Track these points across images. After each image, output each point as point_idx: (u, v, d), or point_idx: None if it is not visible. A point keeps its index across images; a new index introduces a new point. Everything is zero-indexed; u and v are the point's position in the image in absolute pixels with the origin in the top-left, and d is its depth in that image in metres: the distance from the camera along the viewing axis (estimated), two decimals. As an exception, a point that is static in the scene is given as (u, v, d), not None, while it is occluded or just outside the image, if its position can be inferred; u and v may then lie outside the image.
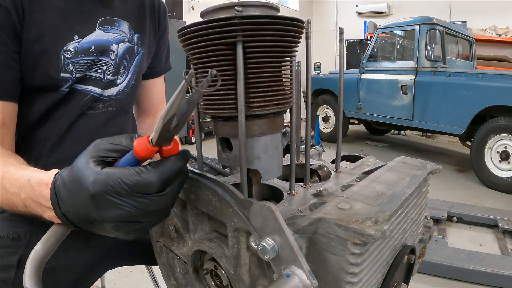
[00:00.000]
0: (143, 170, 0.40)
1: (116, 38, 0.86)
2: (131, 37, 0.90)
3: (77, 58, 0.78)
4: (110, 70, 0.85)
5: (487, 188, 4.07)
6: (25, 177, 0.55)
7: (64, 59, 0.76)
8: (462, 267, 2.24)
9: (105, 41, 0.83)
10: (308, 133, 0.71)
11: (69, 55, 0.77)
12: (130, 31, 0.90)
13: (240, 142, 0.46)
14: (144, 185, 0.39)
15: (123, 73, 0.90)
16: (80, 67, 0.79)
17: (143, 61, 0.96)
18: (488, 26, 7.39)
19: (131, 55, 0.91)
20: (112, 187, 0.39)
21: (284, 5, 9.15)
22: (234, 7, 0.44)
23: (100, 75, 0.83)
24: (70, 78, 0.78)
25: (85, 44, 0.79)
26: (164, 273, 0.67)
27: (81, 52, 0.79)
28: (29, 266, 0.51)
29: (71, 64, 0.77)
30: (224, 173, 0.78)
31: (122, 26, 0.87)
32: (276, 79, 0.49)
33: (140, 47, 0.93)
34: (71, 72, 0.78)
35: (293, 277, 0.39)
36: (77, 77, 0.79)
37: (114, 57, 0.85)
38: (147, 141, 0.40)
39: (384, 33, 5.49)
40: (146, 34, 0.95)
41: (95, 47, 0.81)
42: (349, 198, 0.51)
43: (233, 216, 0.46)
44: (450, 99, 4.40)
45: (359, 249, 0.42)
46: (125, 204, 0.40)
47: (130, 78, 0.92)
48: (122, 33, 0.87)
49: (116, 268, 0.97)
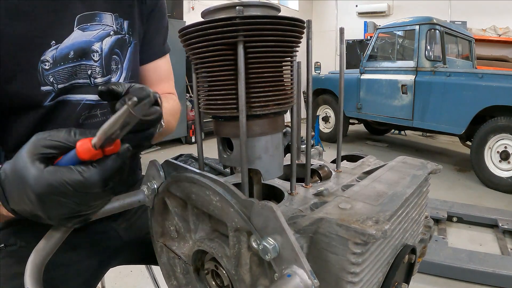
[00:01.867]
0: (85, 170, 0.40)
1: (99, 34, 0.77)
2: (120, 27, 0.82)
3: (57, 67, 0.71)
4: (96, 73, 0.78)
5: (487, 188, 4.07)
6: None
7: (42, 71, 0.69)
8: (462, 267, 2.24)
9: (84, 43, 0.75)
10: (308, 133, 0.71)
11: (48, 66, 0.70)
12: (116, 20, 0.81)
13: (241, 142, 0.46)
14: (88, 185, 0.40)
15: (116, 70, 0.82)
16: (61, 77, 0.72)
17: (136, 53, 0.88)
18: (488, 26, 7.38)
19: (122, 48, 0.83)
20: (56, 188, 0.40)
21: (284, 5, 9.15)
22: (235, 7, 0.44)
23: (87, 81, 0.77)
24: (52, 91, 0.71)
25: (64, 50, 0.71)
26: (165, 273, 0.67)
27: (60, 60, 0.71)
28: (29, 267, 0.51)
29: (50, 76, 0.71)
30: (225, 173, 0.78)
31: (104, 19, 0.79)
32: (277, 79, 0.49)
33: (132, 36, 0.85)
34: (52, 84, 0.71)
35: (294, 276, 0.39)
36: (60, 88, 0.72)
37: (98, 57, 0.77)
38: (90, 145, 0.40)
39: (384, 33, 5.49)
40: (135, 19, 0.86)
41: (74, 52, 0.73)
42: (350, 198, 0.51)
43: (234, 216, 0.46)
44: (450, 99, 4.40)
45: (360, 249, 0.42)
46: (69, 202, 0.41)
47: (126, 77, 0.85)
48: (105, 27, 0.79)
49: (116, 268, 0.97)
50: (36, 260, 0.52)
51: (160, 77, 1.00)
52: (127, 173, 0.45)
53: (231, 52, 0.45)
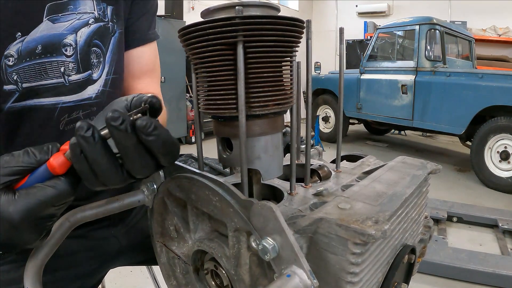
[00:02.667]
0: (57, 183, 0.40)
1: (72, 25, 0.68)
2: (102, 13, 0.73)
3: (22, 64, 0.63)
4: (70, 70, 0.68)
5: (487, 188, 4.07)
6: None
7: (5, 68, 0.62)
8: (462, 267, 2.24)
9: (54, 36, 0.65)
10: (308, 133, 0.71)
11: (11, 62, 0.62)
12: (99, 6, 0.72)
13: (241, 142, 0.46)
14: (63, 196, 0.40)
15: (98, 63, 0.73)
16: (26, 75, 0.63)
17: (121, 44, 0.78)
18: (488, 26, 7.39)
19: (104, 38, 0.73)
20: (35, 210, 0.39)
21: (284, 5, 9.15)
22: (235, 7, 0.44)
23: (60, 80, 0.67)
24: (15, 90, 0.63)
25: (31, 44, 0.63)
26: (165, 273, 0.67)
27: (25, 55, 0.63)
28: (29, 267, 0.51)
29: (14, 73, 0.62)
30: (224, 173, 0.78)
31: (81, 6, 0.69)
32: (276, 79, 0.49)
33: (116, 24, 0.75)
34: (16, 83, 0.63)
35: (293, 277, 0.39)
36: (25, 87, 0.64)
37: (72, 51, 0.68)
38: (64, 158, 0.40)
39: (384, 33, 5.49)
40: (121, 5, 0.77)
41: (42, 46, 0.64)
42: (350, 198, 0.51)
43: (234, 216, 0.46)
44: (450, 99, 4.40)
45: (360, 249, 0.42)
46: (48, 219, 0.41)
47: (109, 72, 0.75)
48: (82, 16, 0.69)
49: (116, 268, 0.97)
50: (35, 261, 0.52)
51: (142, 69, 0.89)
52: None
53: (230, 52, 0.45)
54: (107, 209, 0.65)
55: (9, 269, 0.72)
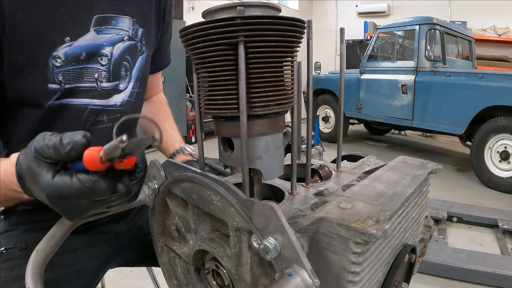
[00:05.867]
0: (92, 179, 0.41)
1: (111, 39, 0.76)
2: (135, 33, 0.81)
3: (67, 66, 0.69)
4: (102, 77, 0.76)
5: (487, 188, 4.07)
6: None
7: (52, 68, 0.67)
8: (462, 267, 2.24)
9: (96, 46, 0.73)
10: (309, 133, 0.71)
11: (59, 63, 0.68)
12: (133, 26, 0.80)
13: (242, 142, 0.47)
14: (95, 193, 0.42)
15: (125, 76, 0.81)
16: (69, 77, 0.70)
17: (147, 64, 0.87)
18: (488, 26, 7.39)
19: (133, 55, 0.82)
20: (67, 198, 0.42)
21: (284, 5, 9.15)
22: (236, 7, 0.44)
23: (93, 84, 0.75)
24: (58, 90, 0.69)
25: (77, 50, 0.70)
26: (165, 272, 0.67)
27: (72, 59, 0.69)
28: (30, 266, 0.51)
29: (60, 74, 0.68)
30: (225, 173, 0.78)
31: (120, 23, 0.77)
32: (277, 79, 0.49)
33: (145, 46, 0.85)
34: (60, 83, 0.69)
35: (295, 276, 0.39)
36: (66, 88, 0.70)
37: (106, 62, 0.76)
38: (97, 157, 0.40)
39: (384, 33, 5.49)
40: (152, 30, 0.86)
41: (86, 53, 0.71)
42: (350, 197, 0.51)
43: (235, 215, 0.46)
44: (450, 99, 4.40)
45: (361, 248, 0.42)
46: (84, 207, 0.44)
47: (134, 86, 0.84)
48: (120, 32, 0.77)
49: (116, 268, 0.97)
50: (36, 260, 0.52)
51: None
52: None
53: (232, 52, 0.45)
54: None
55: (13, 266, 0.73)
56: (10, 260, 0.74)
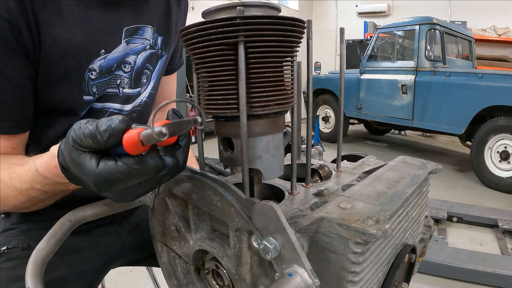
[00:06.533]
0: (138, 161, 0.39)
1: (136, 48, 0.78)
2: (154, 41, 0.83)
3: (101, 79, 0.72)
4: (124, 83, 0.78)
5: (487, 188, 4.07)
6: (31, 169, 0.56)
7: (88, 81, 0.69)
8: (462, 267, 2.24)
9: (124, 56, 0.75)
10: (309, 133, 0.71)
11: (94, 76, 0.70)
12: (153, 35, 0.82)
13: (242, 142, 0.47)
14: (142, 173, 0.40)
15: (147, 82, 0.83)
16: (101, 87, 0.73)
17: (165, 66, 0.90)
18: (488, 26, 7.38)
19: (153, 62, 0.84)
20: (115, 183, 0.40)
21: (284, 5, 9.15)
22: (236, 7, 0.44)
23: (115, 90, 0.77)
24: (92, 100, 0.72)
25: (110, 62, 0.72)
26: (165, 272, 0.67)
27: (105, 71, 0.72)
28: (31, 266, 0.51)
29: (94, 86, 0.71)
30: (225, 173, 0.78)
31: (145, 33, 0.79)
32: (277, 79, 0.49)
33: (164, 51, 0.87)
34: (94, 94, 0.72)
35: (295, 276, 0.39)
36: (97, 98, 0.73)
37: (129, 69, 0.78)
38: (137, 140, 0.38)
39: (384, 33, 5.49)
40: (171, 36, 0.88)
41: (116, 64, 0.74)
42: (350, 197, 0.51)
43: (235, 215, 0.46)
44: (450, 99, 4.40)
45: (361, 248, 0.42)
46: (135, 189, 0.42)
47: (153, 87, 0.87)
48: (144, 41, 0.80)
49: (116, 268, 0.97)
50: (37, 260, 0.52)
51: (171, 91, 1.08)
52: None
53: (231, 52, 0.45)
54: (108, 209, 0.65)
55: (15, 265, 0.73)
56: (11, 259, 0.74)
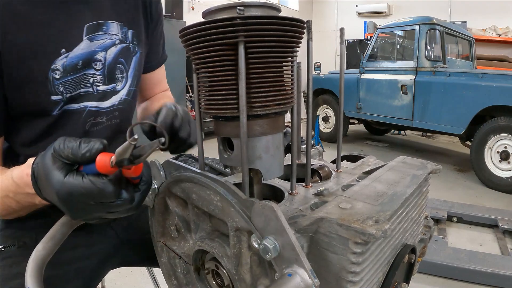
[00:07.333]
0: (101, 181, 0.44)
1: (104, 44, 0.78)
2: (124, 35, 0.83)
3: (67, 77, 0.72)
4: (98, 81, 0.78)
5: (487, 188, 4.07)
6: (8, 177, 0.59)
7: (53, 81, 0.70)
8: (462, 267, 2.24)
9: (90, 53, 0.75)
10: (308, 133, 0.71)
11: (58, 75, 0.70)
12: (122, 29, 0.82)
13: (242, 142, 0.47)
14: (101, 193, 0.44)
15: (122, 78, 0.83)
16: (70, 86, 0.73)
17: (141, 63, 0.90)
18: (488, 26, 7.38)
19: (127, 57, 0.84)
20: (75, 197, 0.44)
21: (284, 5, 9.14)
22: (236, 8, 0.44)
23: (89, 89, 0.77)
24: (61, 100, 0.72)
25: (74, 60, 0.72)
26: (165, 272, 0.67)
27: (69, 70, 0.72)
28: (30, 266, 0.51)
29: (61, 85, 0.71)
30: (225, 173, 0.78)
31: (110, 28, 0.79)
32: (277, 79, 0.49)
33: (137, 46, 0.87)
34: (62, 93, 0.72)
35: (295, 276, 0.39)
36: (68, 97, 0.73)
37: (101, 66, 0.78)
38: (108, 161, 0.43)
39: (384, 33, 5.49)
40: (141, 29, 0.88)
41: (82, 62, 0.74)
42: (350, 197, 0.51)
43: (235, 215, 0.46)
44: (450, 99, 4.40)
45: (360, 248, 0.42)
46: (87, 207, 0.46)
47: (131, 84, 0.86)
48: (111, 36, 0.80)
49: (116, 268, 0.97)
50: (37, 260, 0.52)
51: (158, 81, 1.07)
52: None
53: (232, 52, 0.45)
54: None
55: (11, 263, 0.74)
56: (8, 257, 0.75)
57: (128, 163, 0.43)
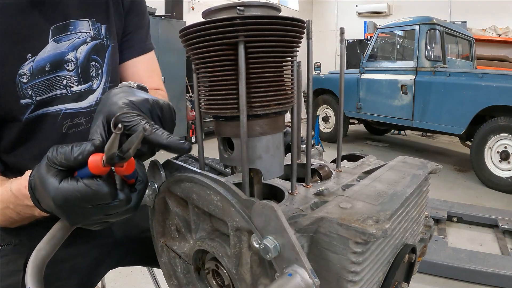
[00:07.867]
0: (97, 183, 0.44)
1: (73, 44, 0.77)
2: (97, 32, 0.82)
3: (34, 80, 0.72)
4: (71, 82, 0.78)
5: (487, 188, 4.07)
6: (7, 189, 0.59)
7: (21, 85, 0.70)
8: (462, 267, 2.24)
9: (58, 55, 0.75)
10: (309, 133, 0.71)
11: (26, 79, 0.71)
12: (94, 25, 0.81)
13: (242, 142, 0.47)
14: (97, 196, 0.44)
15: (97, 75, 0.83)
16: (39, 89, 0.73)
17: (114, 55, 0.88)
18: (488, 26, 7.39)
19: (100, 53, 0.83)
20: (71, 201, 0.44)
21: (284, 5, 9.15)
22: (236, 7, 0.44)
23: (63, 91, 0.77)
24: (31, 103, 0.73)
25: (40, 63, 0.72)
26: (166, 272, 0.67)
27: (37, 73, 0.72)
28: (31, 266, 0.51)
29: (29, 89, 0.72)
30: (225, 173, 0.78)
31: (79, 26, 0.78)
32: (277, 79, 0.49)
33: (109, 39, 0.85)
34: (31, 97, 0.72)
35: (295, 276, 0.39)
36: (39, 100, 0.73)
37: (73, 66, 0.78)
38: (100, 161, 0.43)
39: (384, 33, 5.49)
40: (112, 22, 0.86)
41: (50, 64, 0.74)
42: (350, 197, 0.51)
43: (235, 215, 0.46)
44: (450, 99, 4.41)
45: (361, 248, 0.42)
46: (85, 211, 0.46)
47: (106, 81, 0.85)
48: (80, 35, 0.79)
49: (116, 268, 0.97)
50: (37, 260, 0.52)
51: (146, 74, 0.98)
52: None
53: (232, 52, 0.45)
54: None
55: (8, 261, 0.76)
56: (5, 256, 0.77)
57: (118, 159, 0.42)
